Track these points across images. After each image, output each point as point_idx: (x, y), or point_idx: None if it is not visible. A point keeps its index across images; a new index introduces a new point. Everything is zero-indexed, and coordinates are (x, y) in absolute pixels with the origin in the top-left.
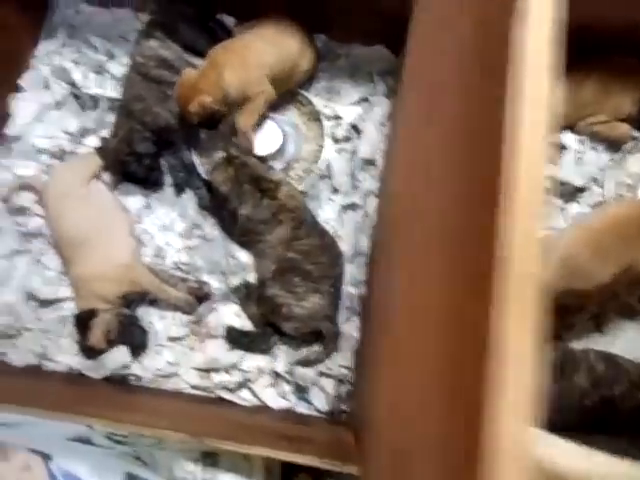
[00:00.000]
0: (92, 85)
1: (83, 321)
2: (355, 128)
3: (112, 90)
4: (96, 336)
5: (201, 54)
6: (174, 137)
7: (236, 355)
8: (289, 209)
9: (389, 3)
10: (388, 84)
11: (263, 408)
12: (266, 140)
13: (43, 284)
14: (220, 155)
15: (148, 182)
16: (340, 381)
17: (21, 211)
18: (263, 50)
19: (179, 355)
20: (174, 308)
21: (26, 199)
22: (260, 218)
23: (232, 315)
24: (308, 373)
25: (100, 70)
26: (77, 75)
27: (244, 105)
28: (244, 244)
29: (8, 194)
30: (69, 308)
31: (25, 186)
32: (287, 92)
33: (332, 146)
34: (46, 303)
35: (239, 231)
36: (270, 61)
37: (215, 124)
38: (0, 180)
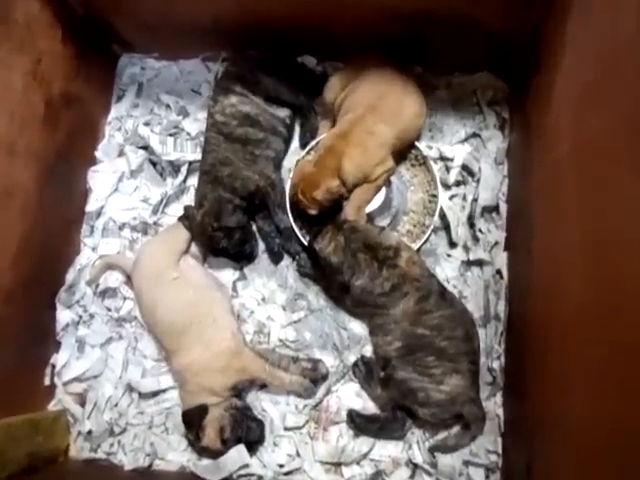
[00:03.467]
0: (170, 150)
1: (194, 419)
2: (467, 169)
3: (191, 152)
4: (210, 437)
5: (285, 103)
6: (267, 201)
7: (365, 443)
8: (413, 278)
9: (495, 25)
10: (501, 114)
11: None
12: None
13: (143, 375)
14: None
15: (241, 256)
16: (489, 470)
17: (110, 294)
18: (386, 132)
19: (300, 446)
20: (286, 392)
21: (113, 280)
22: (379, 291)
23: (352, 396)
24: (452, 462)
25: (177, 132)
26: (154, 141)
27: (363, 184)
28: (358, 315)
29: (94, 277)
30: (172, 399)
31: (111, 266)
32: None
33: (443, 193)
34: (148, 395)
35: (352, 303)
36: (392, 139)
37: (334, 213)
38: (86, 262)
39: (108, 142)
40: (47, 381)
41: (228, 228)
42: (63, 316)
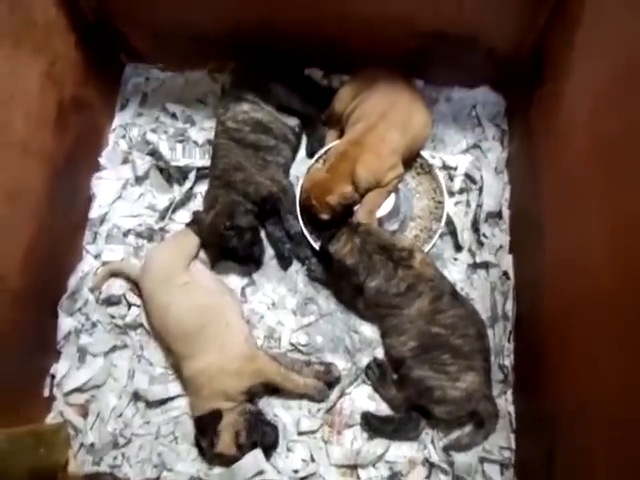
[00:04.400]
0: (179, 156)
1: (208, 425)
2: (469, 178)
3: (200, 159)
4: (225, 442)
5: (295, 113)
6: (278, 206)
7: (380, 445)
8: (427, 279)
9: (499, 44)
10: (500, 127)
11: None
12: None
13: (150, 383)
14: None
15: (250, 259)
16: (503, 465)
17: (114, 301)
18: (397, 139)
19: (315, 450)
20: (299, 397)
21: (117, 287)
22: (394, 291)
23: (365, 398)
24: (468, 460)
25: (185, 139)
26: (163, 147)
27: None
28: (369, 318)
29: (97, 283)
30: (180, 407)
31: (115, 273)
32: None
33: (447, 200)
34: (154, 404)
35: (365, 304)
36: (403, 146)
37: (345, 218)
38: (88, 269)
39: (112, 149)
40: (46, 392)
41: (240, 227)
42: (65, 324)
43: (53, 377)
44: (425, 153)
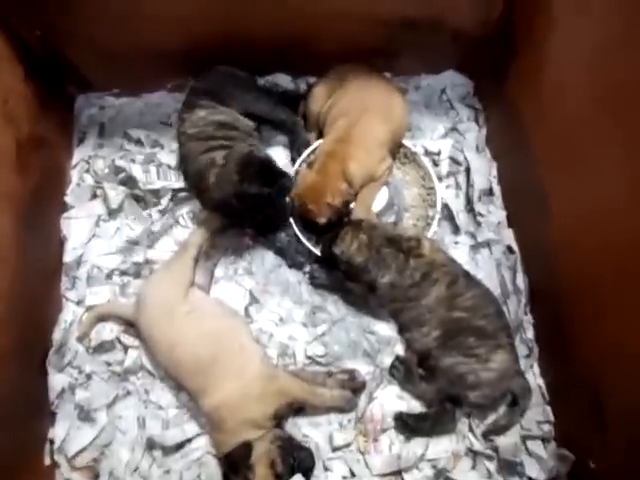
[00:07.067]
0: (154, 179)
1: (239, 460)
2: (454, 160)
3: (176, 180)
4: (261, 475)
5: (258, 119)
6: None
7: (419, 444)
8: (440, 264)
9: (463, 22)
10: (473, 107)
11: None
12: None
13: (163, 428)
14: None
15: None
16: (545, 440)
17: (107, 347)
18: (382, 130)
19: (353, 464)
20: (326, 411)
21: (107, 332)
22: (409, 282)
23: (395, 399)
24: (511, 441)
25: (156, 163)
26: (136, 170)
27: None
28: (384, 315)
29: (85, 331)
30: (200, 447)
31: (103, 316)
32: None
33: (438, 185)
34: (172, 449)
35: (380, 302)
36: (389, 135)
37: (340, 220)
38: (71, 318)
39: (77, 186)
40: (47, 460)
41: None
42: (56, 381)
43: (52, 442)
44: (405, 142)
